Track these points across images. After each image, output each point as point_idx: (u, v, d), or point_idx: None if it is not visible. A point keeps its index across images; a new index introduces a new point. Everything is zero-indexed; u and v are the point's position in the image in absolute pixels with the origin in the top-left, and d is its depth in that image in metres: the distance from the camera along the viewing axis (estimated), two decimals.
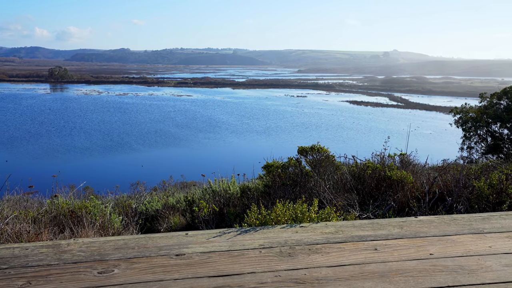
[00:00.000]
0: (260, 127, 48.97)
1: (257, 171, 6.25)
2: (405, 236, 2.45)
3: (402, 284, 1.88)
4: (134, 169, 28.87)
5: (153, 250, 2.23)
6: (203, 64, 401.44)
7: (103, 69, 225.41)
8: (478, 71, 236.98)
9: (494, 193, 4.11)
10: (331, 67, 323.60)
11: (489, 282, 1.90)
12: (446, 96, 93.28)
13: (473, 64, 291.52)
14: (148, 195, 8.56)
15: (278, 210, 2.98)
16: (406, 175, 4.71)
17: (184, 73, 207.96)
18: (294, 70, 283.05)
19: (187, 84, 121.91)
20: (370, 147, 7.44)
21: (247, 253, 2.21)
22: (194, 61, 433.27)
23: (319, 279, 1.93)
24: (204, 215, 4.59)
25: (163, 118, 54.41)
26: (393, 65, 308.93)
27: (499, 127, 23.32)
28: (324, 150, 5.46)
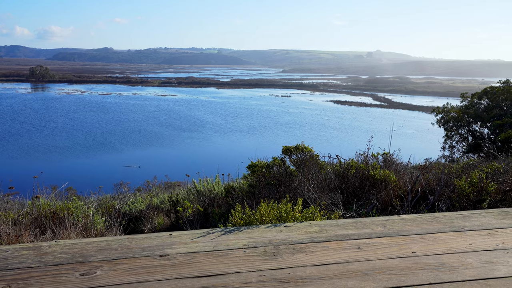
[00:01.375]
0: (245, 126, 48.97)
1: (241, 171, 6.25)
2: (388, 234, 2.48)
3: (385, 282, 1.90)
4: (118, 169, 28.59)
5: (137, 251, 2.21)
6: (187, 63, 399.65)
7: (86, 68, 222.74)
8: (459, 72, 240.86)
9: (474, 192, 4.18)
10: (315, 67, 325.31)
11: (469, 278, 1.93)
12: (428, 96, 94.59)
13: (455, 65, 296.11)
14: (132, 195, 8.48)
15: (262, 210, 2.98)
16: (389, 174, 4.76)
17: (168, 72, 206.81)
18: (278, 70, 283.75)
19: (171, 83, 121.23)
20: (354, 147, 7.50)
21: (231, 253, 2.21)
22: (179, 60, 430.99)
23: (303, 278, 1.94)
24: (189, 215, 4.57)
25: (147, 118, 54.01)
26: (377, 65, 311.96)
27: (480, 127, 23.74)
28: (309, 150, 5.48)
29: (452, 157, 22.56)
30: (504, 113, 22.46)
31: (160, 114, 58.24)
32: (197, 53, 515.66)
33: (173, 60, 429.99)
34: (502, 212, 2.89)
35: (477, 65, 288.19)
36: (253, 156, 5.90)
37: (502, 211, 2.91)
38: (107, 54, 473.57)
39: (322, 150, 6.34)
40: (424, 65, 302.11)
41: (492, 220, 2.72)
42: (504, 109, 23.06)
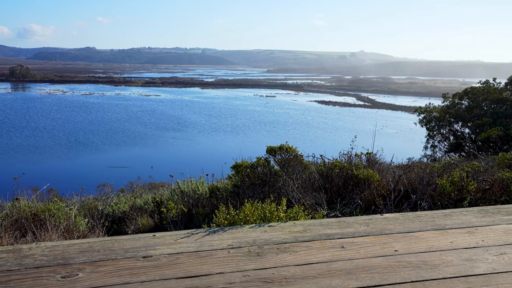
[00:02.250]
0: (229, 126, 48.90)
1: (226, 171, 6.24)
2: (371, 233, 2.50)
3: (368, 281, 1.91)
4: (101, 170, 28.27)
5: (119, 253, 2.19)
6: (171, 63, 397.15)
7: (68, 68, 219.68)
8: (440, 72, 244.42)
9: (455, 190, 4.24)
10: (299, 67, 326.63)
11: (450, 276, 1.96)
12: (411, 96, 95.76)
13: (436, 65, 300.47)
14: (115, 196, 8.39)
15: (246, 210, 2.98)
16: (372, 173, 4.80)
17: (152, 72, 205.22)
18: (263, 70, 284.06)
19: (155, 83, 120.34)
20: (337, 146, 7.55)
21: (215, 254, 2.20)
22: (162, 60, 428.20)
23: (287, 278, 1.95)
24: (172, 216, 4.55)
25: (131, 118, 53.53)
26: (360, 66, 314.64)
27: (461, 126, 24.14)
28: (293, 150, 5.50)
29: (434, 157, 22.90)
30: (484, 113, 22.88)
31: (143, 114, 57.79)
32: (181, 53, 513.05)
33: (157, 60, 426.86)
34: (482, 211, 2.94)
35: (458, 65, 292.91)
36: (237, 156, 5.90)
37: (482, 210, 2.97)
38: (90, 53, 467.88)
39: (306, 150, 6.37)
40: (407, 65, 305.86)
41: (472, 219, 2.77)
42: (484, 109, 23.49)
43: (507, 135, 18.89)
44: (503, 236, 2.45)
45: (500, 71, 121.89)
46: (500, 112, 22.23)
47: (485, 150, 18.60)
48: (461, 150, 21.92)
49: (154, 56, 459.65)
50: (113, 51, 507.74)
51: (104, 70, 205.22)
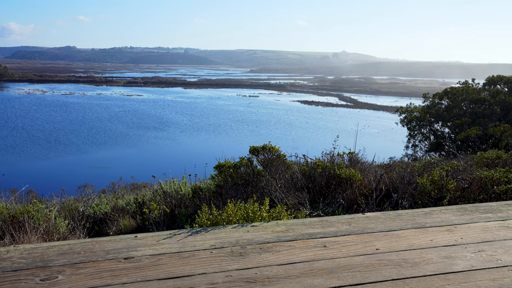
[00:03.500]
0: (212, 126, 48.77)
1: (209, 171, 6.22)
2: (353, 232, 2.52)
3: (350, 279, 1.93)
4: (82, 170, 27.89)
5: (100, 254, 2.16)
6: (153, 63, 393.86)
7: (47, 67, 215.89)
8: (421, 72, 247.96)
9: (435, 189, 4.31)
10: (282, 67, 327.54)
11: (430, 273, 1.99)
12: (392, 96, 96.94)
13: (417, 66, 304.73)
14: (97, 197, 8.29)
15: (229, 210, 2.97)
16: (354, 173, 4.84)
17: (134, 72, 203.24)
18: (246, 70, 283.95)
19: (137, 83, 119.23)
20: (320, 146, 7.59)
21: (198, 254, 2.19)
22: (144, 60, 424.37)
23: (270, 277, 1.95)
24: (155, 216, 4.51)
25: (112, 118, 52.94)
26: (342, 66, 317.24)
27: (441, 126, 24.53)
28: (276, 150, 5.51)
29: (415, 156, 23.24)
30: (463, 113, 23.29)
31: (125, 114, 57.21)
32: (164, 53, 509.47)
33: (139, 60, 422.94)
34: (461, 209, 2.99)
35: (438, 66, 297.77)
36: (220, 156, 5.89)
37: (461, 208, 3.02)
38: (70, 52, 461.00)
39: (289, 150, 6.39)
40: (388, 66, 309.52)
41: (451, 217, 2.81)
42: (463, 109, 23.92)
43: (485, 134, 19.28)
44: (481, 234, 2.50)
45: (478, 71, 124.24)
46: (478, 112, 22.66)
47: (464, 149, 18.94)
48: (441, 150, 22.28)
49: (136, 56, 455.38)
50: (94, 50, 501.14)
51: (85, 70, 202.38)
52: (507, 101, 22.64)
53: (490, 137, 18.92)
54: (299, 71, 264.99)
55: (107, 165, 29.91)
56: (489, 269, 2.04)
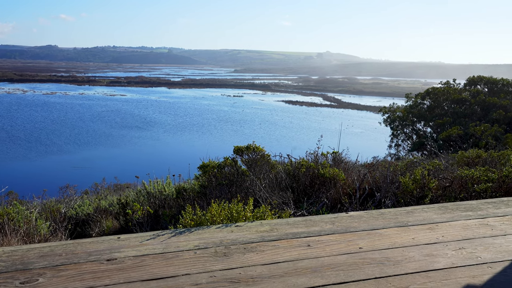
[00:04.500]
0: (196, 126, 48.57)
1: (193, 171, 6.18)
2: (336, 231, 2.54)
3: (333, 278, 1.94)
4: (64, 171, 27.48)
5: (82, 256, 2.14)
6: (137, 62, 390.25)
7: (28, 66, 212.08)
8: (403, 73, 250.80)
9: (417, 188, 4.36)
10: (266, 67, 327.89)
11: (411, 271, 2.02)
12: (376, 96, 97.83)
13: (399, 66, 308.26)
14: (79, 198, 8.18)
15: (213, 210, 2.97)
16: (338, 172, 4.88)
17: (117, 71, 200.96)
18: (230, 70, 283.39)
19: (121, 83, 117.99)
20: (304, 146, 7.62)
21: (181, 255, 2.18)
22: (128, 59, 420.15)
23: (254, 277, 1.95)
24: (138, 217, 4.47)
25: (95, 118, 52.30)
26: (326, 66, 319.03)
27: (423, 126, 24.86)
28: (260, 150, 5.51)
29: (398, 155, 23.50)
30: (445, 113, 23.64)
31: (108, 114, 56.58)
32: (147, 52, 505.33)
33: (122, 59, 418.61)
34: (442, 207, 3.04)
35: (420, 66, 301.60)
36: (204, 156, 5.86)
37: (442, 206, 3.06)
38: (51, 52, 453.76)
39: (274, 150, 6.40)
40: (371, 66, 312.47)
41: (433, 215, 2.85)
42: (445, 108, 24.27)
43: (466, 134, 19.60)
44: (462, 232, 2.54)
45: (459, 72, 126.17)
46: (459, 112, 23.03)
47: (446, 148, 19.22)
48: (423, 149, 22.57)
49: (119, 55, 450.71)
50: (76, 49, 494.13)
51: (67, 69, 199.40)
52: (487, 101, 23.05)
53: (471, 136, 19.25)
54: (284, 71, 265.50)
55: (89, 165, 29.54)
56: (469, 266, 2.08)
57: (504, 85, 25.06)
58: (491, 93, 24.77)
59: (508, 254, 2.21)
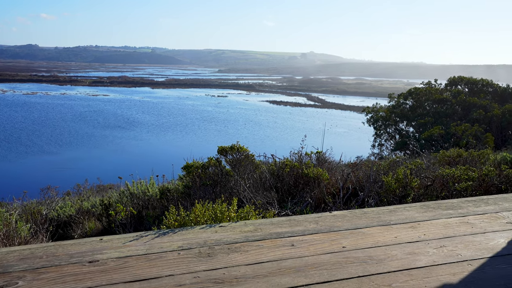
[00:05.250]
0: (180, 127, 48.33)
1: (177, 171, 6.15)
2: (320, 231, 2.55)
3: (317, 277, 1.95)
4: (45, 172, 27.06)
5: (64, 258, 2.11)
6: (120, 62, 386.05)
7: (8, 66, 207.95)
8: (386, 73, 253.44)
9: (400, 187, 4.41)
10: (251, 67, 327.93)
11: (394, 270, 2.04)
12: (359, 96, 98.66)
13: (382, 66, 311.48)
14: (61, 200, 8.06)
15: (197, 211, 2.95)
16: (322, 172, 4.90)
17: (100, 71, 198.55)
18: (214, 70, 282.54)
19: (103, 83, 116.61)
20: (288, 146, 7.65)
21: (165, 256, 2.17)
22: (110, 59, 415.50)
23: (238, 277, 1.95)
24: (121, 218, 4.43)
25: (77, 118, 51.62)
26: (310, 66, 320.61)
27: (406, 125, 25.18)
28: (244, 150, 5.51)
29: (381, 155, 23.76)
30: (426, 113, 23.97)
31: (91, 114, 55.91)
32: (130, 52, 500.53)
33: (105, 59, 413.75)
34: (423, 206, 3.08)
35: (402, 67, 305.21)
36: (188, 156, 5.84)
37: (424, 205, 3.11)
38: (32, 51, 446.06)
39: (258, 150, 6.40)
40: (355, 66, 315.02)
41: (415, 214, 2.89)
42: (427, 108, 24.62)
43: (447, 133, 19.91)
44: (443, 230, 2.58)
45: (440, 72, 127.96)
46: (441, 111, 23.39)
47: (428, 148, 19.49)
48: (406, 148, 22.85)
49: (102, 55, 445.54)
50: (57, 49, 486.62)
51: (48, 69, 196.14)
52: (468, 101, 23.43)
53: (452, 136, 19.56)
54: (268, 71, 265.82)
55: (71, 166, 29.14)
56: (450, 263, 2.11)
57: (484, 85, 25.52)
58: (472, 93, 25.20)
59: (487, 252, 2.25)
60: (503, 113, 21.38)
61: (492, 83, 25.34)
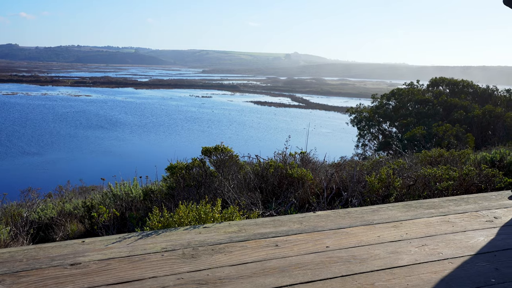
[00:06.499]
0: (164, 127, 48.02)
1: (160, 172, 6.11)
2: (304, 231, 2.56)
3: (301, 277, 1.96)
4: (26, 174, 26.60)
5: (45, 261, 2.08)
6: (102, 62, 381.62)
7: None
8: (369, 74, 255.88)
9: (383, 187, 4.46)
10: (235, 68, 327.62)
11: (377, 269, 2.06)
12: (343, 96, 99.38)
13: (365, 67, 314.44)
14: (42, 202, 7.93)
15: (181, 212, 2.94)
16: (306, 172, 4.92)
17: (82, 72, 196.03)
18: (198, 70, 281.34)
19: (86, 83, 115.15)
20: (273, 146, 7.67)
21: (148, 257, 2.15)
22: (93, 59, 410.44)
23: (222, 278, 1.94)
24: (104, 220, 4.38)
25: (59, 119, 50.87)
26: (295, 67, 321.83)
27: (389, 126, 25.45)
28: (228, 150, 5.50)
29: (364, 155, 23.97)
30: (409, 113, 24.26)
31: (73, 114, 55.16)
32: (113, 52, 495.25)
33: (87, 59, 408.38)
34: (406, 205, 3.11)
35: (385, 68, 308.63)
36: (172, 157, 5.80)
37: (406, 204, 3.14)
38: (12, 51, 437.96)
39: (242, 150, 6.39)
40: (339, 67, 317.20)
41: (397, 213, 2.92)
42: (409, 109, 24.92)
43: (429, 133, 20.19)
44: (424, 229, 2.62)
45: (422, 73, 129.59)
46: (423, 112, 23.70)
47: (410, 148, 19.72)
48: (389, 149, 23.09)
49: (84, 55, 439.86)
50: (38, 48, 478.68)
51: (28, 69, 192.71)
52: (449, 101, 23.79)
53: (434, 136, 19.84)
54: (252, 71, 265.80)
55: (53, 167, 28.70)
56: (431, 262, 2.14)
57: (464, 86, 25.94)
58: (453, 94, 25.59)
59: (467, 250, 2.29)
60: (483, 114, 21.78)
61: (472, 84, 25.81)
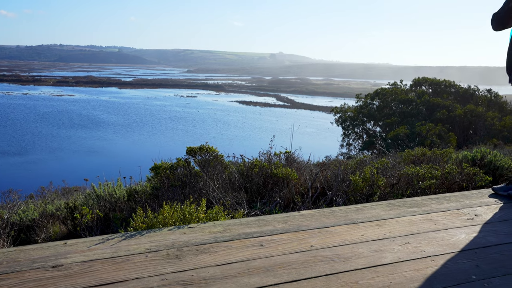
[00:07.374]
0: (148, 127, 47.68)
1: (145, 173, 6.06)
2: (289, 230, 2.57)
3: (286, 277, 1.96)
4: (6, 175, 26.13)
5: (26, 264, 2.04)
6: (85, 62, 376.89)
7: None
8: (353, 74, 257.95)
9: (367, 186, 4.50)
10: (220, 67, 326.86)
11: (361, 267, 2.07)
12: (328, 96, 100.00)
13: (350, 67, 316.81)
14: (24, 203, 7.80)
15: (165, 212, 2.92)
16: (291, 172, 4.94)
17: (65, 71, 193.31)
18: (183, 70, 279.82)
19: (68, 83, 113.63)
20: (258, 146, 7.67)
21: (132, 259, 2.13)
22: (76, 58, 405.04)
23: (207, 279, 1.94)
24: (87, 221, 4.33)
25: (41, 119, 50.11)
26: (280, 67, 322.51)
27: (373, 125, 25.69)
28: (213, 150, 5.48)
29: (349, 154, 24.15)
30: (393, 113, 24.52)
31: (55, 114, 54.40)
32: (97, 51, 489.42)
33: (70, 58, 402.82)
34: (389, 204, 3.15)
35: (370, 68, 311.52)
36: (156, 157, 5.76)
37: (390, 203, 3.18)
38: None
39: (227, 150, 6.38)
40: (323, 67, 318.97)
41: (381, 212, 2.95)
42: (393, 108, 25.18)
43: (412, 133, 20.43)
44: (407, 227, 2.65)
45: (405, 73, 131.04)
46: (406, 111, 23.98)
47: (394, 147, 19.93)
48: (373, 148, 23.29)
49: (67, 54, 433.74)
50: (19, 47, 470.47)
51: (9, 68, 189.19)
52: (431, 101, 24.11)
53: (417, 135, 20.09)
54: (237, 71, 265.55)
55: (35, 168, 28.26)
56: (414, 260, 2.17)
57: (447, 86, 26.32)
58: (435, 93, 25.95)
59: (449, 247, 2.32)
60: (465, 113, 22.13)
61: (454, 84, 26.20)
